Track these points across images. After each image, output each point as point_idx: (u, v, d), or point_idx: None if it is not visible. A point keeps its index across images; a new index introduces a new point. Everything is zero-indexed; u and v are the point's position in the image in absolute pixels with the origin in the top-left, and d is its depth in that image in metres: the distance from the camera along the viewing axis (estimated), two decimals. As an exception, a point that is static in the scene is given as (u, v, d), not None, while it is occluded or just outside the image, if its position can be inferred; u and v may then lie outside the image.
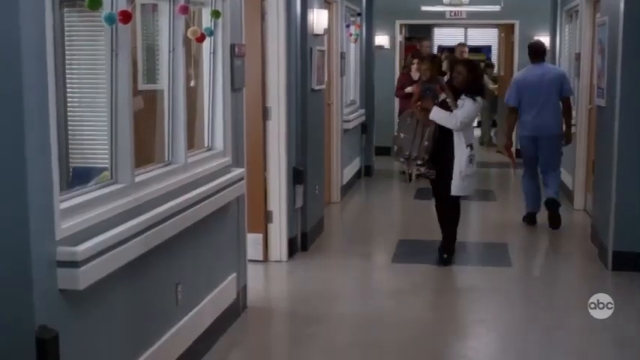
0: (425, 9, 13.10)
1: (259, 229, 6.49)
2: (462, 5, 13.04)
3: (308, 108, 6.99)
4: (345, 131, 9.74)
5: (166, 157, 4.34)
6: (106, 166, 3.66)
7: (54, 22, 3.00)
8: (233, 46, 5.02)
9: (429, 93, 6.53)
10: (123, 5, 3.45)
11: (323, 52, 7.70)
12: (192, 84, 4.83)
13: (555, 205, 7.86)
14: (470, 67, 6.51)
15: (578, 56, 8.98)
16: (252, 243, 6.19)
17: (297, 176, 6.78)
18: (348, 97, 10.46)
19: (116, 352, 3.54)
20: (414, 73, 9.63)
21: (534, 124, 7.86)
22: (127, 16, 3.39)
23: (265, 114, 6.49)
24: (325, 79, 7.95)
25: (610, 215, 6.36)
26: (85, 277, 3.06)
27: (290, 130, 6.66)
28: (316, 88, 7.30)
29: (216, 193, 4.58)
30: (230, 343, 4.86)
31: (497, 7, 12.85)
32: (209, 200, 4.45)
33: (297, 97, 6.77)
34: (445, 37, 16.48)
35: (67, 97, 3.77)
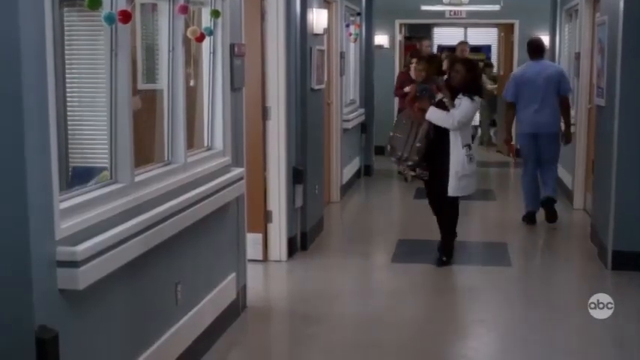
0: (425, 8, 13.10)
1: (259, 228, 6.49)
2: (461, 5, 13.04)
3: (308, 107, 6.99)
4: (345, 131, 9.74)
5: (166, 157, 4.34)
6: (106, 166, 3.66)
7: (53, 21, 3.00)
8: (233, 46, 5.02)
9: (425, 93, 6.49)
10: (122, 5, 3.45)
11: (323, 51, 7.69)
12: (191, 84, 4.83)
13: (551, 202, 7.98)
14: (468, 67, 6.49)
15: (577, 56, 8.98)
16: (252, 243, 6.20)
17: (296, 176, 6.78)
18: (347, 96, 10.46)
19: (116, 351, 3.54)
20: (413, 72, 9.62)
21: (534, 120, 7.87)
22: (126, 16, 3.39)
23: (265, 114, 6.49)
24: (325, 78, 7.95)
25: (610, 215, 6.36)
26: (85, 277, 3.06)
27: (290, 130, 6.65)
28: (316, 87, 7.30)
29: (216, 192, 4.58)
30: (230, 342, 4.86)
31: (496, 7, 12.85)
32: (209, 200, 4.45)
33: (296, 97, 6.76)
34: (445, 36, 16.47)
35: (67, 96, 3.76)
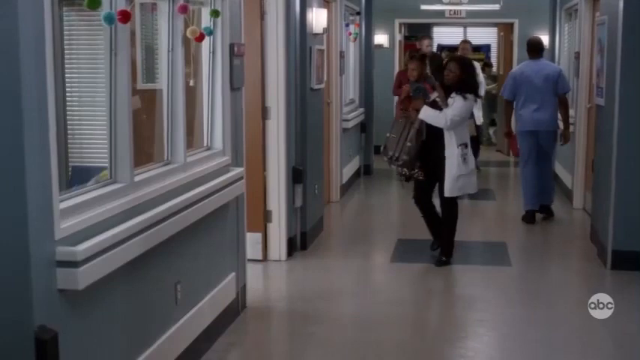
0: (424, 8, 13.09)
1: (258, 228, 6.49)
2: (461, 4, 13.04)
3: (307, 107, 6.99)
4: (345, 130, 9.74)
5: (165, 157, 4.33)
6: (105, 165, 3.66)
7: (53, 21, 2.99)
8: (232, 46, 5.02)
9: (418, 92, 6.48)
10: (122, 5, 3.45)
11: (322, 51, 7.69)
12: (191, 83, 4.83)
13: (548, 208, 8.33)
14: (462, 65, 6.42)
15: (577, 55, 8.98)
16: (252, 242, 6.20)
17: (296, 175, 6.77)
18: (347, 96, 10.46)
19: (116, 351, 3.54)
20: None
21: (534, 118, 7.93)
22: (126, 16, 3.39)
23: (264, 113, 6.49)
24: (324, 78, 7.95)
25: (609, 214, 6.36)
26: (85, 277, 3.06)
27: (289, 130, 6.65)
28: (315, 87, 7.30)
29: (216, 192, 4.58)
30: (229, 342, 4.86)
31: (496, 6, 12.85)
32: (208, 200, 4.45)
33: (296, 97, 6.76)
34: (444, 36, 16.45)
35: (67, 96, 3.77)
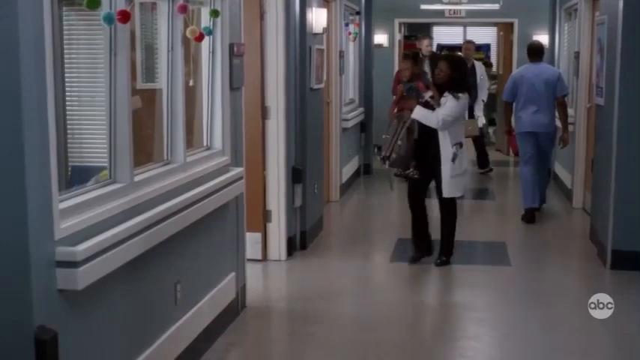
0: (424, 7, 13.09)
1: (258, 228, 6.48)
2: (461, 4, 13.03)
3: (307, 107, 6.99)
4: (344, 130, 9.73)
5: (165, 157, 4.33)
6: (105, 165, 3.65)
7: (53, 21, 2.99)
8: (232, 46, 5.01)
9: (411, 92, 6.47)
10: (121, 5, 3.44)
11: (322, 50, 7.69)
12: (191, 83, 4.83)
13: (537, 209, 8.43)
14: (452, 64, 6.36)
15: (577, 55, 9.00)
16: (251, 242, 6.20)
17: (296, 175, 6.77)
18: (347, 95, 10.45)
19: (115, 351, 3.54)
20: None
21: (533, 120, 8.01)
22: (125, 16, 3.39)
23: (264, 113, 6.48)
24: (324, 77, 7.94)
25: (609, 214, 6.36)
26: (84, 277, 3.06)
27: (289, 129, 6.65)
28: (315, 87, 7.29)
29: (215, 192, 4.58)
30: (229, 342, 4.85)
31: (496, 6, 12.85)
32: (208, 199, 4.45)
33: (296, 96, 6.76)
34: (444, 35, 16.45)
35: (66, 96, 3.76)
